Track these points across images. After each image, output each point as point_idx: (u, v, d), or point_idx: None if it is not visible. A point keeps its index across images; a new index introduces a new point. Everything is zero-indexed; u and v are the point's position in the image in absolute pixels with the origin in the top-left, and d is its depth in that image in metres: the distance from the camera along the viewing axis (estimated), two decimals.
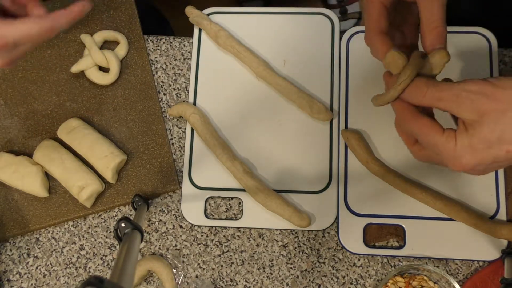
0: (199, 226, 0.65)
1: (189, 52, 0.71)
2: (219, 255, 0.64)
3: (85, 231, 0.66)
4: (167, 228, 0.65)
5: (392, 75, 0.47)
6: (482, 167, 0.42)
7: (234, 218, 0.65)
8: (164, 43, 0.72)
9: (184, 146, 0.68)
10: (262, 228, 0.64)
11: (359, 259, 0.62)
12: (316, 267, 0.63)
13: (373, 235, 0.62)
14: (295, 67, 0.68)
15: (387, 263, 0.62)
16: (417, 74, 0.44)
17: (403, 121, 0.46)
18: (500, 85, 0.41)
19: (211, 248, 0.64)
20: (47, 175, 0.66)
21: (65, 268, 0.65)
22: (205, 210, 0.65)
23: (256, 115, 0.67)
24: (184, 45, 0.72)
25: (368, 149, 0.63)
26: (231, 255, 0.64)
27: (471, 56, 0.65)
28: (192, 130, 0.67)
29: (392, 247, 0.62)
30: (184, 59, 0.71)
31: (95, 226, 0.66)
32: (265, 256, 0.63)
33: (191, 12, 0.70)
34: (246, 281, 0.63)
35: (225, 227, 0.65)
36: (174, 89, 0.70)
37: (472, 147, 0.41)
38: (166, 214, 0.66)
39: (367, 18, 0.48)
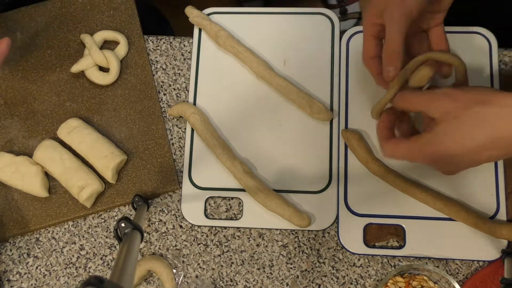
0: (199, 226, 0.65)
1: (189, 52, 0.71)
2: (219, 255, 0.64)
3: (85, 231, 0.66)
4: (167, 228, 0.65)
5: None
6: (445, 160, 0.49)
7: (234, 218, 0.65)
8: (164, 43, 0.72)
9: (184, 146, 0.68)
10: (262, 228, 0.64)
11: (359, 259, 0.62)
12: (316, 267, 0.63)
13: (373, 235, 0.62)
14: (295, 67, 0.68)
15: (387, 263, 0.62)
16: (407, 86, 0.54)
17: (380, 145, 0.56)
18: (464, 89, 0.49)
19: (211, 248, 0.64)
20: (47, 175, 0.66)
21: (65, 268, 0.65)
22: (205, 210, 0.65)
23: (256, 115, 0.67)
24: (184, 45, 0.72)
25: (368, 149, 0.63)
26: (231, 255, 0.64)
27: (471, 56, 0.65)
28: (192, 130, 0.67)
29: (392, 247, 0.62)
30: (184, 59, 0.71)
31: (95, 226, 0.66)
32: (265, 256, 0.63)
33: (191, 12, 0.70)
34: (246, 281, 0.63)
35: (225, 227, 0.65)
36: (174, 89, 0.70)
37: (432, 142, 0.48)
38: (166, 214, 0.66)
39: (363, 45, 0.58)
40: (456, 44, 0.66)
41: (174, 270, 0.63)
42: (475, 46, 0.66)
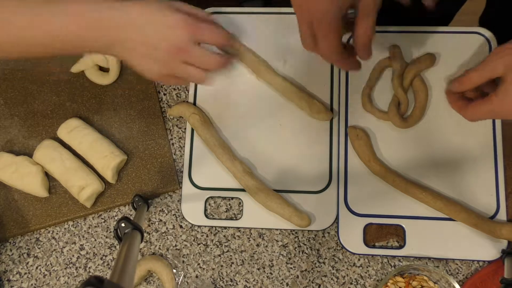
0: (199, 226, 0.65)
1: None
2: (219, 255, 0.64)
3: (85, 231, 0.66)
4: (167, 228, 0.65)
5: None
6: None
7: (234, 218, 0.65)
8: None
9: (184, 146, 0.68)
10: (262, 228, 0.64)
11: (359, 259, 0.62)
12: (316, 267, 0.63)
13: (373, 235, 0.62)
14: (295, 67, 0.68)
15: (387, 263, 0.62)
16: None
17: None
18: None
19: (211, 248, 0.64)
20: (47, 175, 0.66)
21: (65, 268, 0.65)
22: (205, 210, 0.65)
23: (256, 115, 0.67)
24: None
25: (372, 149, 0.63)
26: (231, 255, 0.64)
27: (471, 56, 0.65)
28: (192, 130, 0.67)
29: (392, 247, 0.62)
30: None
31: (95, 226, 0.66)
32: (265, 256, 0.63)
33: None
34: (246, 281, 0.63)
35: (225, 227, 0.65)
36: (174, 89, 0.70)
37: (508, 91, 0.48)
38: (166, 214, 0.66)
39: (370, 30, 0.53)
40: (456, 44, 0.66)
41: (174, 270, 0.63)
42: (475, 46, 0.66)
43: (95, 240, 0.66)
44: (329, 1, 0.47)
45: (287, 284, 0.62)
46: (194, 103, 0.68)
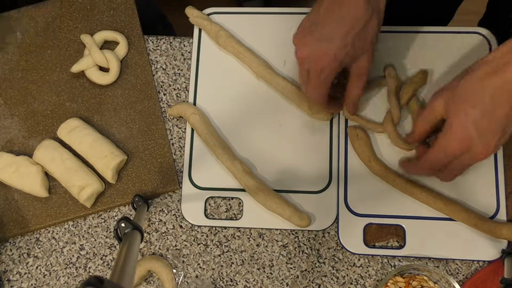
0: (199, 226, 0.65)
1: (189, 52, 0.71)
2: (219, 255, 0.64)
3: (85, 231, 0.66)
4: (167, 228, 0.65)
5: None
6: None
7: (234, 218, 0.65)
8: (164, 43, 0.72)
9: (184, 146, 0.68)
10: (262, 228, 0.64)
11: (359, 259, 0.62)
12: (316, 267, 0.63)
13: (373, 235, 0.62)
14: (295, 67, 0.68)
15: (387, 263, 0.62)
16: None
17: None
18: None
19: (211, 248, 0.64)
20: (47, 175, 0.66)
21: (65, 268, 0.65)
22: (205, 210, 0.65)
23: (256, 115, 0.67)
24: (184, 45, 0.72)
25: (372, 149, 0.63)
26: (231, 255, 0.64)
27: (471, 56, 0.65)
28: (192, 130, 0.67)
29: (392, 247, 0.62)
30: (184, 59, 0.71)
31: (95, 226, 0.66)
32: (265, 256, 0.63)
33: (191, 12, 0.70)
34: (246, 281, 0.63)
35: (225, 227, 0.65)
36: (174, 89, 0.70)
37: (458, 126, 0.49)
38: (166, 214, 0.66)
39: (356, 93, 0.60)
40: (456, 44, 0.66)
41: (174, 270, 0.63)
42: (475, 46, 0.66)
43: (95, 240, 0.66)
44: (333, 59, 0.52)
45: (287, 284, 0.62)
46: (194, 103, 0.68)
